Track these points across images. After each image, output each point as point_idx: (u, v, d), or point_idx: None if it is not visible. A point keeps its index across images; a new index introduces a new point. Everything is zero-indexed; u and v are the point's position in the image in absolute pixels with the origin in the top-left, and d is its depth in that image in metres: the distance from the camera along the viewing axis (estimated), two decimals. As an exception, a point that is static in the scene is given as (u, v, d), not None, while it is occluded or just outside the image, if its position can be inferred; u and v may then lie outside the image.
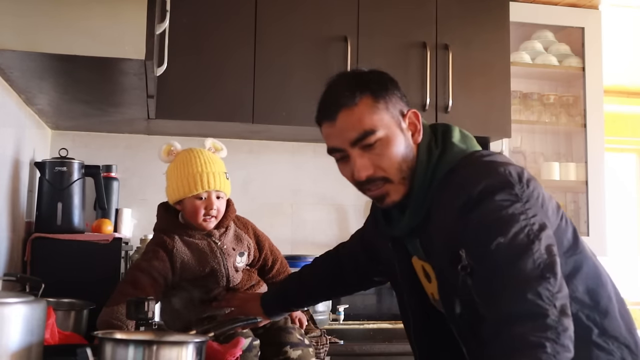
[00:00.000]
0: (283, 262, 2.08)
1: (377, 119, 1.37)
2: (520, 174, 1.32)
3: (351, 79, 1.44)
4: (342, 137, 1.41)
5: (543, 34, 3.36)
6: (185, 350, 1.16)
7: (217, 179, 1.86)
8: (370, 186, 1.40)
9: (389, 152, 1.37)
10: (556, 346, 1.12)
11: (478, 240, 1.27)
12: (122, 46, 1.65)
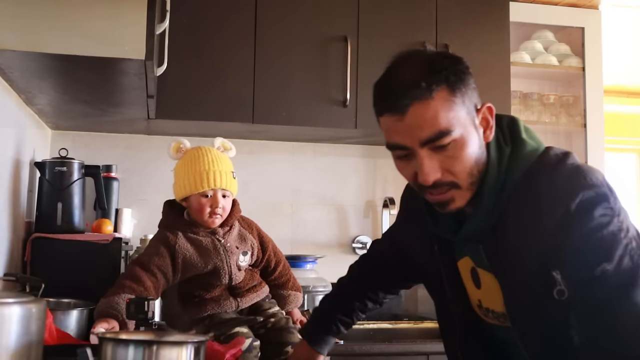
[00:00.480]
0: (286, 265, 2.09)
1: (454, 116, 1.18)
2: (605, 181, 1.20)
3: (425, 64, 1.22)
4: (411, 134, 1.20)
5: (543, 34, 3.36)
6: (185, 350, 1.16)
7: (223, 178, 1.87)
8: (434, 190, 1.23)
9: (462, 155, 1.20)
10: None
11: (579, 264, 1.13)
12: (122, 46, 1.65)
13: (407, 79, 1.20)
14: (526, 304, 1.22)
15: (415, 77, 1.19)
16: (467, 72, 1.23)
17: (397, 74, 1.23)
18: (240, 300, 1.91)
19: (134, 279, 1.77)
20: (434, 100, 1.17)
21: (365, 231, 3.19)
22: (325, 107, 2.78)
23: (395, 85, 1.21)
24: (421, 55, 1.27)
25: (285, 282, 2.07)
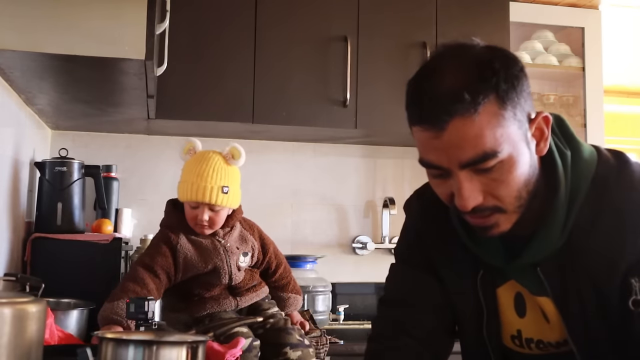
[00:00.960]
0: (287, 268, 2.09)
1: (502, 133, 1.00)
2: None
3: (472, 68, 1.02)
4: (449, 154, 1.02)
5: (543, 34, 3.36)
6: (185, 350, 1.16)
7: (207, 193, 1.82)
8: (475, 215, 1.07)
9: (510, 178, 1.03)
10: None
11: None
12: (122, 46, 1.65)
13: (448, 88, 1.00)
14: (595, 326, 1.10)
15: (458, 86, 0.99)
16: (521, 75, 1.05)
17: (436, 78, 1.03)
18: (240, 300, 1.91)
19: (138, 282, 1.76)
20: (480, 115, 0.98)
21: (365, 231, 3.19)
22: (325, 107, 2.78)
23: (434, 94, 1.01)
24: (468, 54, 1.06)
25: (285, 285, 2.07)
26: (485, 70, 1.01)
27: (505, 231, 1.08)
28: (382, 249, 3.17)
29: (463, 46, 1.07)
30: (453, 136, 0.99)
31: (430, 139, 1.02)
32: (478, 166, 1.01)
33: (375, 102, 2.79)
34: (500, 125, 0.99)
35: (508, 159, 1.01)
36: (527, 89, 1.05)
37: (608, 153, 1.14)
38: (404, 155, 3.23)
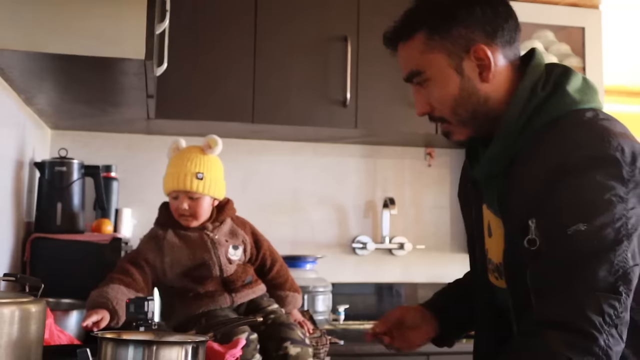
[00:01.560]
0: (283, 266, 2.10)
1: (427, 58, 1.26)
2: (636, 155, 1.13)
3: (416, 6, 1.31)
4: (402, 69, 1.34)
5: (543, 33, 3.35)
6: (185, 350, 1.16)
7: (182, 180, 1.90)
8: (434, 122, 1.34)
9: (437, 93, 1.27)
10: None
11: (555, 218, 1.11)
12: (122, 46, 1.65)
13: (398, 22, 1.32)
14: (513, 254, 1.22)
15: (403, 20, 1.31)
16: (463, 11, 1.25)
17: (399, 18, 1.34)
18: (235, 296, 1.92)
19: (122, 272, 1.84)
20: (412, 42, 1.28)
21: (365, 231, 3.19)
22: (325, 107, 2.78)
23: (396, 21, 1.33)
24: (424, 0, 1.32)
25: (283, 283, 2.07)
26: (424, 9, 1.29)
27: (463, 140, 1.31)
28: (382, 249, 3.17)
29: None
30: (400, 57, 1.33)
31: (397, 56, 1.35)
32: (412, 81, 1.30)
33: (375, 102, 2.79)
34: (426, 52, 1.26)
35: (434, 78, 1.26)
36: (466, 25, 1.24)
37: (597, 113, 1.21)
38: (404, 155, 3.23)
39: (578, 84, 1.24)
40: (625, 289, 1.06)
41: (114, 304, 1.71)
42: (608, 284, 1.05)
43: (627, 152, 1.12)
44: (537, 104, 1.22)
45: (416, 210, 3.23)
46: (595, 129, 1.17)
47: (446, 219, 3.28)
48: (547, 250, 1.12)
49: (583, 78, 1.27)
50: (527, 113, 1.22)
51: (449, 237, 3.28)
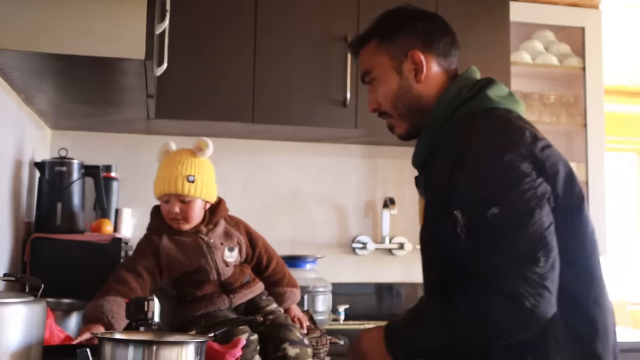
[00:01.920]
0: (280, 262, 2.09)
1: (375, 61, 1.51)
2: (537, 138, 1.30)
3: (373, 21, 1.55)
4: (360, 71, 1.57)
5: (543, 33, 3.35)
6: (185, 350, 1.16)
7: (172, 183, 1.88)
8: (382, 118, 1.55)
9: (381, 90, 1.50)
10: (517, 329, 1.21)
11: (473, 206, 1.27)
12: (122, 46, 1.65)
13: (361, 32, 1.57)
14: (431, 236, 1.41)
15: (364, 31, 1.55)
16: (405, 24, 1.51)
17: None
18: (234, 297, 1.92)
19: (119, 281, 1.81)
20: (366, 48, 1.53)
21: (365, 231, 3.19)
22: (325, 107, 2.78)
23: (357, 36, 1.58)
24: (380, 16, 1.56)
25: (280, 279, 2.07)
26: (376, 23, 1.53)
27: (402, 134, 1.53)
28: (382, 249, 3.17)
29: (384, 11, 1.55)
30: (359, 60, 1.56)
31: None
32: (365, 80, 1.54)
33: (375, 102, 2.80)
34: (375, 55, 1.51)
35: (380, 77, 1.50)
36: (404, 40, 1.48)
37: (502, 109, 1.39)
38: (404, 155, 3.22)
39: (500, 92, 1.43)
40: (543, 254, 1.20)
41: (109, 317, 1.69)
42: (527, 253, 1.21)
43: (527, 135, 1.30)
44: (459, 102, 1.42)
45: (416, 210, 3.23)
46: (501, 120, 1.36)
47: (446, 219, 3.28)
48: (474, 234, 1.27)
49: (509, 91, 1.46)
50: (450, 109, 1.42)
51: (449, 237, 3.27)
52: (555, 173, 1.29)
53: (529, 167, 1.26)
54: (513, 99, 1.45)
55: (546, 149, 1.30)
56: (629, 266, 4.51)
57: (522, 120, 1.37)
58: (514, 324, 1.20)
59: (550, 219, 1.24)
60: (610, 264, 4.14)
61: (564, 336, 1.26)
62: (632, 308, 4.49)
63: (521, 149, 1.27)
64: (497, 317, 1.20)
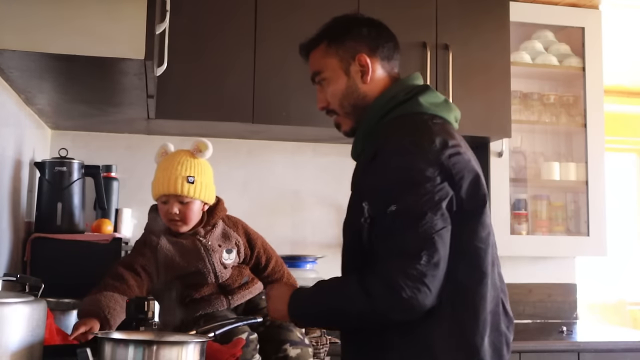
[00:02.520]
0: (279, 261, 2.08)
1: (324, 62, 1.62)
2: (446, 145, 1.42)
3: (323, 26, 1.68)
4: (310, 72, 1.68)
5: (543, 33, 3.35)
6: (185, 350, 1.16)
7: (172, 184, 1.85)
8: (329, 115, 1.66)
9: (330, 90, 1.61)
10: (393, 314, 1.36)
11: (377, 201, 1.42)
12: (122, 46, 1.65)
13: (311, 36, 1.68)
14: (347, 224, 1.54)
15: (313, 35, 1.66)
16: (353, 29, 1.63)
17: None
18: (232, 298, 1.92)
19: (117, 278, 1.80)
20: (316, 50, 1.64)
21: (365, 231, 3.18)
22: (325, 107, 2.78)
23: (307, 40, 1.68)
24: (330, 21, 1.69)
25: (279, 279, 2.05)
26: (326, 27, 1.66)
27: (347, 131, 1.64)
28: (382, 249, 3.16)
29: (333, 17, 1.70)
30: (309, 62, 1.66)
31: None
32: (315, 80, 1.64)
33: (375, 102, 2.79)
34: (324, 57, 1.62)
35: (328, 78, 1.61)
36: (352, 44, 1.60)
37: (423, 114, 1.51)
38: (404, 155, 3.23)
39: (433, 99, 1.55)
40: (427, 253, 1.34)
41: (105, 312, 1.68)
42: (412, 251, 1.35)
43: (437, 142, 1.42)
44: (394, 104, 1.54)
45: (416, 210, 3.23)
46: (419, 125, 1.48)
47: (446, 219, 3.28)
48: (375, 226, 1.42)
49: (444, 99, 1.58)
50: (385, 110, 1.54)
51: (449, 237, 3.28)
52: (460, 179, 1.42)
53: (433, 173, 1.39)
54: (446, 106, 1.57)
55: (454, 156, 1.42)
56: (629, 266, 4.50)
57: (442, 128, 1.48)
58: (390, 309, 1.36)
59: (444, 223, 1.37)
60: (610, 264, 4.14)
61: (448, 324, 1.40)
62: (632, 308, 4.49)
63: (428, 155, 1.40)
64: (377, 299, 1.36)
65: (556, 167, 3.25)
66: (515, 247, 3.11)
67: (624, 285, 4.46)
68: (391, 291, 1.34)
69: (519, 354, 2.53)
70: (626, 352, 2.67)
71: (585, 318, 3.64)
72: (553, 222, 3.29)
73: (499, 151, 3.10)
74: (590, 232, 3.17)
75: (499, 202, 3.07)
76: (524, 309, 3.30)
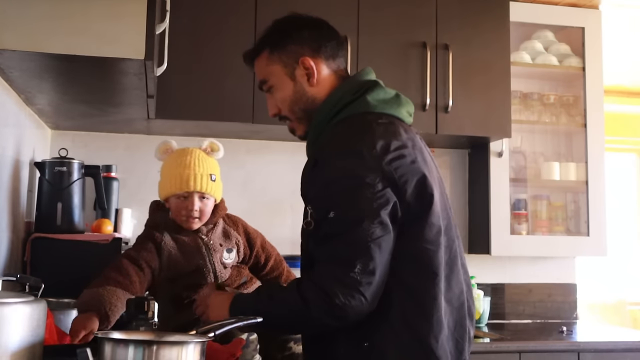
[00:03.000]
0: (277, 259, 2.07)
1: (269, 70, 1.61)
2: (388, 150, 1.41)
3: (263, 33, 1.66)
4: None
5: (543, 33, 3.35)
6: (185, 350, 1.16)
7: (198, 181, 1.87)
8: (282, 121, 1.67)
9: (278, 96, 1.61)
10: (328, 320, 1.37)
11: (317, 207, 1.43)
12: (122, 46, 1.65)
13: (253, 45, 1.66)
14: (301, 227, 1.52)
15: (256, 43, 1.66)
16: (293, 33, 1.61)
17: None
18: None
19: (122, 272, 1.78)
20: (259, 59, 1.63)
21: (365, 231, 3.18)
22: (325, 107, 2.78)
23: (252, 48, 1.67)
24: (270, 26, 1.66)
25: (278, 277, 2.05)
26: (266, 34, 1.64)
27: (302, 135, 1.65)
28: (382, 249, 3.16)
29: (273, 21, 1.66)
30: (255, 71, 1.66)
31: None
32: (263, 89, 1.64)
33: (375, 102, 2.79)
34: (268, 65, 1.61)
35: (275, 85, 1.61)
36: (298, 43, 1.59)
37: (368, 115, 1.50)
38: (404, 155, 3.23)
39: (382, 95, 1.55)
40: (361, 262, 1.35)
41: (106, 309, 1.66)
42: (346, 259, 1.36)
43: (378, 147, 1.41)
44: (341, 106, 1.53)
45: (416, 210, 3.24)
46: (362, 129, 1.46)
47: (446, 219, 3.29)
48: (316, 230, 1.43)
49: (395, 94, 1.58)
50: (333, 112, 1.53)
51: (449, 237, 3.28)
52: (405, 183, 1.41)
53: (374, 179, 1.38)
54: (397, 101, 1.56)
55: (396, 160, 1.41)
56: (629, 266, 4.50)
57: (386, 129, 1.46)
58: (324, 314, 1.37)
59: (382, 232, 1.37)
60: (610, 264, 4.14)
61: (401, 327, 1.40)
62: (632, 308, 4.49)
63: (369, 162, 1.39)
64: (312, 305, 1.37)
65: (556, 167, 3.26)
66: (515, 247, 3.11)
67: (624, 285, 4.46)
68: (325, 297, 1.35)
69: (519, 354, 2.54)
70: (626, 352, 2.67)
71: (585, 318, 3.64)
72: (553, 222, 3.29)
73: (499, 151, 3.10)
74: (590, 232, 3.17)
75: (499, 202, 3.07)
76: (524, 309, 3.31)
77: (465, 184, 3.33)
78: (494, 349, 2.53)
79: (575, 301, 3.39)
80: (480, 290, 3.05)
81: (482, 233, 3.12)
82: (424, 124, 2.81)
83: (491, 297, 3.15)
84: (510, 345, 2.58)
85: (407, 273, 1.41)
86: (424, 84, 2.84)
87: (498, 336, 2.73)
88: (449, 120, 2.87)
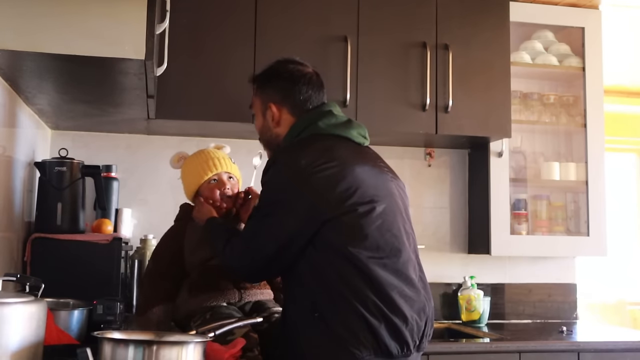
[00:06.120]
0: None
1: (254, 100, 1.97)
2: (310, 164, 1.68)
3: (265, 67, 1.99)
4: None
5: (543, 33, 3.35)
6: (185, 350, 1.16)
7: (222, 162, 2.07)
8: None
9: (255, 123, 1.98)
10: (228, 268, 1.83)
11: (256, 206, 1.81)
12: (122, 46, 1.65)
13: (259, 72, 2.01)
14: None
15: (256, 74, 2.02)
16: (274, 82, 1.92)
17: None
18: (244, 293, 1.94)
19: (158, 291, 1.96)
20: (253, 97, 1.98)
21: (365, 231, 3.18)
22: (325, 107, 2.77)
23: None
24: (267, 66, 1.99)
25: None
26: (261, 74, 1.99)
27: (269, 157, 1.88)
28: (382, 249, 3.16)
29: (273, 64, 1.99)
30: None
31: None
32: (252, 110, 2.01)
33: (375, 102, 2.79)
34: (254, 96, 1.97)
35: (255, 114, 1.98)
36: (272, 93, 1.91)
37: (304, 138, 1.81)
38: (403, 155, 3.23)
39: (332, 121, 1.83)
40: (255, 244, 1.73)
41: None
42: (247, 235, 1.76)
43: (303, 162, 1.68)
44: (297, 133, 1.83)
45: (416, 210, 3.23)
46: (298, 147, 1.77)
47: (446, 219, 3.29)
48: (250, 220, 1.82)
49: (347, 119, 1.86)
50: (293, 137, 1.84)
51: (449, 237, 3.28)
52: (330, 190, 1.65)
53: (292, 186, 1.68)
54: (347, 125, 1.84)
55: (318, 173, 1.67)
56: (629, 266, 4.50)
57: (319, 147, 1.74)
58: (234, 268, 1.82)
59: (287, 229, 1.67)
60: (610, 264, 4.14)
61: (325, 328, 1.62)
62: (632, 308, 4.49)
63: (293, 172, 1.69)
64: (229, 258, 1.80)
65: (556, 167, 3.25)
66: (515, 247, 3.11)
67: (624, 285, 4.46)
68: (227, 250, 1.79)
69: (519, 354, 2.54)
70: (626, 352, 2.67)
71: (585, 318, 3.64)
72: (553, 222, 3.29)
73: (499, 151, 3.10)
74: (590, 232, 3.17)
75: (498, 202, 3.07)
76: (524, 309, 3.31)
77: (465, 184, 3.33)
78: (494, 349, 2.53)
79: (575, 301, 3.39)
80: (480, 290, 3.05)
81: (482, 233, 3.12)
82: (424, 124, 2.81)
83: (491, 297, 3.15)
84: (510, 345, 2.58)
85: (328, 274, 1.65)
86: (423, 84, 2.84)
87: (498, 336, 2.73)
88: (448, 120, 2.86)
